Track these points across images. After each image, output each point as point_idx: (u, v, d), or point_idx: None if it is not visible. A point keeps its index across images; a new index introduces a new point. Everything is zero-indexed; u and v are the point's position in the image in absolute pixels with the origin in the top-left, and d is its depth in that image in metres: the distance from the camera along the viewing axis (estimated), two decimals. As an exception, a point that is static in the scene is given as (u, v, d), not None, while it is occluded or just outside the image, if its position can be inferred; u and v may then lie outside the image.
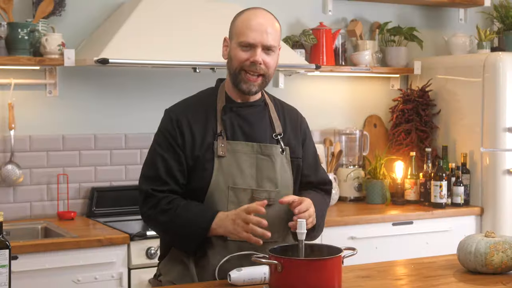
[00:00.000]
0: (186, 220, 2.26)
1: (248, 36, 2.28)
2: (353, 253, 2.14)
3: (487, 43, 4.52)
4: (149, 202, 2.32)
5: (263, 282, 2.20)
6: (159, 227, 2.37)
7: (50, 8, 3.57)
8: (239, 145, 2.34)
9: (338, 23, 4.51)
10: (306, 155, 2.48)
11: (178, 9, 3.70)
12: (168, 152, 2.32)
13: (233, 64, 2.32)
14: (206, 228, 2.25)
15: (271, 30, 2.31)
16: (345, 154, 4.42)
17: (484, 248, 2.36)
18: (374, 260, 2.84)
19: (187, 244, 2.30)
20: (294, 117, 2.51)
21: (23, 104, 3.66)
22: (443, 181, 4.10)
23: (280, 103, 2.51)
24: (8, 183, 3.60)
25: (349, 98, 4.59)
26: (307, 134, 2.52)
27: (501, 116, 4.15)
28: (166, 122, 2.37)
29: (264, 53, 2.31)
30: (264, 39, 2.29)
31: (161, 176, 2.31)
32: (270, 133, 2.40)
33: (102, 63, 3.32)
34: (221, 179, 2.31)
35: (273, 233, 2.32)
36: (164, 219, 2.29)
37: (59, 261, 3.13)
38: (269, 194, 2.33)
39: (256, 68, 2.29)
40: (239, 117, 2.37)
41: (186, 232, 2.27)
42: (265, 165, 2.34)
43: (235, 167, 2.32)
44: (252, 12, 2.34)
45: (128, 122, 3.90)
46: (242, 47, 2.29)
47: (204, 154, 2.31)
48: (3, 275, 2.00)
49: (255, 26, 2.28)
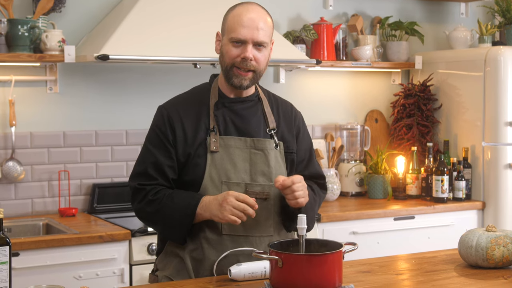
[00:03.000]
0: (172, 209, 2.28)
1: (239, 32, 2.27)
2: (353, 248, 2.14)
3: (488, 37, 4.51)
4: (137, 197, 2.35)
5: (263, 277, 2.20)
6: (148, 218, 2.38)
7: (50, 5, 3.57)
8: (232, 140, 2.35)
9: (339, 18, 4.51)
10: (300, 148, 2.48)
11: (178, 5, 3.69)
12: (158, 148, 2.34)
13: (225, 60, 2.33)
14: (192, 214, 2.26)
15: (262, 25, 2.30)
16: (347, 149, 4.42)
17: (485, 243, 2.36)
18: (376, 255, 2.84)
19: (176, 233, 2.31)
20: (289, 111, 2.50)
21: (23, 101, 3.66)
22: (445, 176, 4.10)
23: (274, 97, 2.51)
24: (10, 179, 3.60)
25: (350, 93, 4.59)
26: (300, 128, 2.50)
27: (503, 110, 4.15)
28: (158, 119, 2.38)
29: (255, 49, 2.30)
30: (255, 36, 2.28)
31: (149, 172, 2.33)
32: (263, 127, 2.40)
33: (103, 59, 3.32)
34: (214, 174, 2.32)
35: (268, 227, 2.34)
36: (151, 210, 2.32)
37: (61, 257, 3.13)
38: (263, 188, 2.34)
39: (246, 65, 2.29)
40: (232, 112, 2.38)
41: (172, 220, 2.29)
42: (259, 159, 2.34)
43: (228, 162, 2.33)
44: (244, 7, 2.33)
45: (129, 118, 3.90)
46: (233, 43, 2.29)
47: (196, 150, 2.32)
48: (3, 272, 2.00)
49: (246, 22, 2.28)
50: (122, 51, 3.39)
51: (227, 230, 2.31)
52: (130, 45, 3.44)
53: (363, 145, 4.48)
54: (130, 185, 2.37)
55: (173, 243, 2.37)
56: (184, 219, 2.27)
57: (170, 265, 2.37)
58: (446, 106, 4.48)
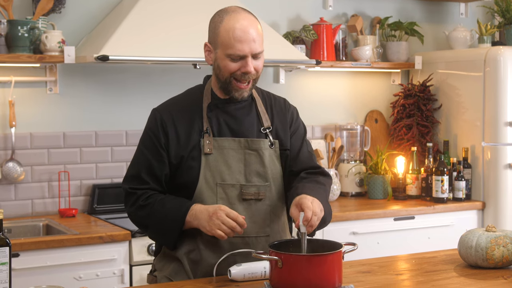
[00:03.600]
0: (162, 215, 2.28)
1: (237, 48, 2.23)
2: (353, 248, 2.14)
3: (488, 37, 4.51)
4: (129, 200, 2.36)
5: (263, 278, 2.20)
6: (139, 222, 2.38)
7: (50, 5, 3.57)
8: (226, 142, 2.34)
9: (338, 18, 4.51)
10: (293, 142, 2.45)
11: (177, 5, 3.69)
12: (151, 151, 2.34)
13: (222, 74, 2.29)
14: (181, 222, 2.26)
15: (256, 35, 2.25)
16: (346, 149, 4.42)
17: (485, 243, 2.36)
18: (376, 255, 2.84)
19: (165, 238, 2.32)
20: (282, 107, 2.47)
21: (23, 102, 3.66)
22: (445, 176, 4.10)
23: (268, 95, 2.49)
24: (9, 180, 3.60)
25: (350, 93, 4.59)
26: (294, 121, 2.47)
27: (502, 110, 4.15)
28: (151, 121, 2.38)
29: (253, 59, 2.27)
30: (252, 49, 2.25)
31: (141, 176, 2.33)
32: (257, 127, 2.39)
33: (102, 60, 3.32)
34: (209, 176, 2.31)
35: (264, 227, 2.34)
36: (142, 215, 2.32)
37: (61, 258, 3.14)
38: (258, 189, 2.33)
39: (248, 77, 2.28)
40: (225, 113, 2.37)
41: (162, 226, 2.30)
42: (253, 160, 2.34)
43: (223, 164, 2.32)
44: (233, 18, 2.26)
45: (128, 118, 3.90)
46: (231, 58, 2.26)
47: (190, 152, 2.32)
48: (3, 273, 2.00)
49: (242, 36, 2.22)
50: (122, 52, 3.39)
51: None
52: (130, 46, 3.44)
53: (363, 146, 4.48)
54: (123, 187, 2.39)
55: (170, 245, 2.38)
56: (174, 225, 2.27)
57: (168, 266, 2.37)
58: (446, 106, 4.48)
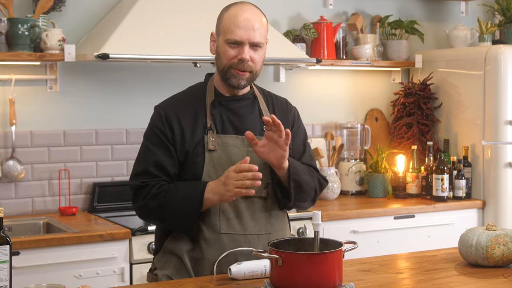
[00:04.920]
0: (179, 198, 2.27)
1: (235, 33, 2.28)
2: (354, 246, 2.14)
3: (489, 36, 4.51)
4: (141, 194, 2.33)
5: (263, 276, 2.20)
6: (151, 214, 2.36)
7: (50, 4, 3.57)
8: (229, 139, 2.35)
9: (339, 16, 4.51)
10: (295, 143, 2.47)
11: (178, 4, 3.69)
12: (159, 147, 2.34)
13: (221, 61, 2.33)
14: (200, 200, 2.26)
15: (258, 26, 2.30)
16: (347, 148, 4.42)
17: (485, 241, 2.36)
18: (376, 253, 2.84)
19: (185, 223, 2.29)
20: (284, 107, 2.51)
21: (24, 100, 3.66)
22: (445, 175, 4.10)
23: (269, 95, 2.52)
24: (10, 178, 3.61)
25: (350, 91, 4.58)
26: (295, 121, 2.51)
27: (503, 109, 4.15)
28: (156, 118, 2.39)
29: (252, 49, 2.31)
30: (251, 36, 2.29)
31: (151, 171, 2.33)
32: (260, 125, 2.41)
33: (103, 58, 3.32)
34: (213, 173, 2.32)
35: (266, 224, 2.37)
36: (155, 204, 2.30)
37: (61, 256, 3.14)
38: (260, 187, 2.33)
39: (244, 66, 2.30)
40: (228, 110, 2.39)
41: (180, 211, 2.28)
42: (256, 157, 2.34)
43: (226, 160, 2.33)
44: (239, 7, 2.33)
45: (129, 117, 3.90)
46: (229, 44, 2.30)
47: (194, 149, 2.33)
48: (4, 271, 2.00)
49: (242, 23, 2.28)
50: (122, 50, 3.39)
51: (225, 229, 2.32)
52: (130, 44, 3.44)
53: (363, 144, 4.48)
54: (131, 184, 2.36)
55: (171, 242, 2.37)
56: (192, 207, 2.26)
57: (169, 264, 2.36)
58: (446, 104, 4.48)
